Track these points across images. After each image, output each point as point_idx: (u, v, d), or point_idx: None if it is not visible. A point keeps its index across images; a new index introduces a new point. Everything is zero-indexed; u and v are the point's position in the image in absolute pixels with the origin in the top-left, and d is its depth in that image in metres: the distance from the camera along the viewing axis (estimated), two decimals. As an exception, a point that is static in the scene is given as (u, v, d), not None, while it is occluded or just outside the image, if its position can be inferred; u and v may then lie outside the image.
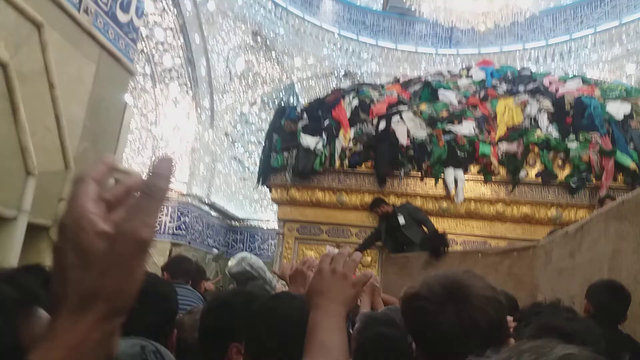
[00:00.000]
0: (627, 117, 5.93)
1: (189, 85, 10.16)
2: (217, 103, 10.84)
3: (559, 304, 1.74)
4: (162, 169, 0.43)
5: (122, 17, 4.76)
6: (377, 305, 2.53)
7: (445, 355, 0.95)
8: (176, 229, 9.41)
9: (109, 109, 4.41)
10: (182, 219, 9.54)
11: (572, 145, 5.80)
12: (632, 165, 5.54)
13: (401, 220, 5.45)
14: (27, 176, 2.77)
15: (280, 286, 3.11)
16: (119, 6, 4.69)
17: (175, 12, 9.37)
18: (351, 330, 1.75)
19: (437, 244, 4.97)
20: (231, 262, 3.12)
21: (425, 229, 5.48)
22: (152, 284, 1.39)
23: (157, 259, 7.96)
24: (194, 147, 10.18)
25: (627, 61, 10.43)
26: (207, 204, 10.56)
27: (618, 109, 6.00)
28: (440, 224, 5.89)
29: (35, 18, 3.01)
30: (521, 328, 1.46)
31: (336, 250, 1.01)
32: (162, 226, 9.37)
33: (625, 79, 9.78)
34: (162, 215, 9.40)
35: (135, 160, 9.84)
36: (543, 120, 6.10)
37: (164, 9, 9.32)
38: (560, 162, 5.82)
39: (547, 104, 6.24)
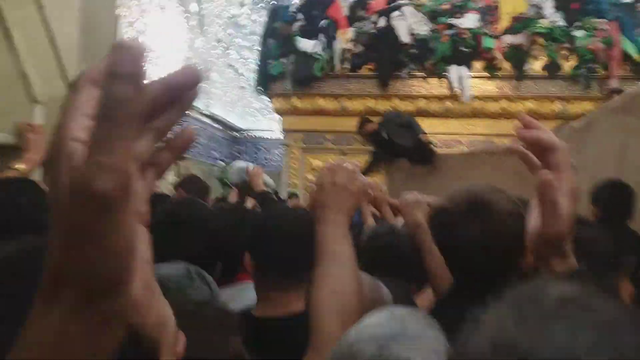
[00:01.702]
0: (636, 0, 5.69)
1: (174, -11, 9.55)
2: (205, 6, 10.26)
3: None
4: (120, 65, 0.25)
5: None
6: (386, 215, 2.25)
7: (468, 267, 1.02)
8: (180, 143, 9.36)
9: (101, 24, 4.23)
10: (183, 132, 9.47)
11: (578, 34, 5.61)
12: (636, 57, 5.40)
13: (384, 134, 5.36)
14: (33, 105, 2.73)
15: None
16: None
17: None
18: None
19: (420, 158, 4.97)
20: (231, 170, 3.16)
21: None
22: (190, 209, 1.30)
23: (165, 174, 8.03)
24: (187, 57, 9.83)
25: None
26: (208, 116, 10.43)
27: (626, -9, 5.74)
28: (445, 125, 5.88)
29: None
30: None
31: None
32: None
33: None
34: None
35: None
36: (548, 7, 5.85)
37: None
38: (566, 52, 5.67)
39: (552, -11, 5.94)
